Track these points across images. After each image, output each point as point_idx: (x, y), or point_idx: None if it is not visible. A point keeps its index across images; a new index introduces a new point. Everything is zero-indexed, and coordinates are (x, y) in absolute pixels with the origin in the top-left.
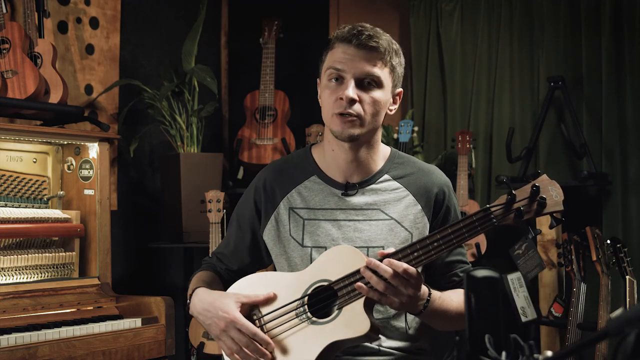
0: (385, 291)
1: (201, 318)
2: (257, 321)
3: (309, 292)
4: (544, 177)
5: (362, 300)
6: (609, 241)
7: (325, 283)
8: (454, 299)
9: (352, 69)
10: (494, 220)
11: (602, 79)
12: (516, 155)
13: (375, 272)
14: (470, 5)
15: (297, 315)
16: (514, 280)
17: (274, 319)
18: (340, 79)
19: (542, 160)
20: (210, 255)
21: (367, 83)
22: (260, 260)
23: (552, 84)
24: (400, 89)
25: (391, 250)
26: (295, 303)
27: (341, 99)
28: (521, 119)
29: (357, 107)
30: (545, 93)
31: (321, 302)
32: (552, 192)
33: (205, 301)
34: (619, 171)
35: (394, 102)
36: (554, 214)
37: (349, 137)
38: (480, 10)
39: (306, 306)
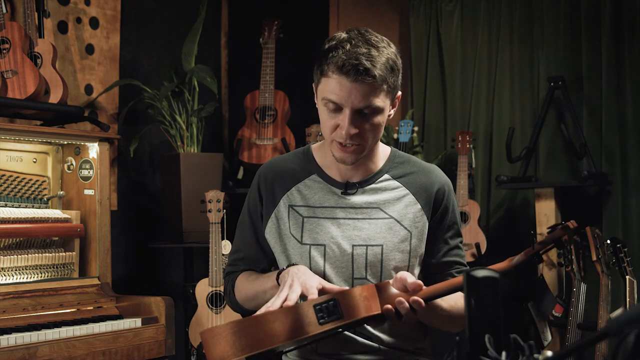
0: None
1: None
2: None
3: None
4: (573, 226)
5: None
6: (609, 241)
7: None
8: (446, 299)
9: (349, 102)
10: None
11: (602, 79)
12: (516, 155)
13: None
14: (470, 5)
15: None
16: (533, 308)
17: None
18: (337, 109)
19: (542, 160)
20: (227, 269)
21: (365, 112)
22: (271, 261)
23: (552, 84)
24: (399, 93)
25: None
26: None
27: (339, 128)
28: (521, 119)
29: (356, 139)
30: (545, 93)
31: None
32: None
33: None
34: (619, 171)
35: (393, 107)
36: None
37: (351, 163)
38: (480, 10)
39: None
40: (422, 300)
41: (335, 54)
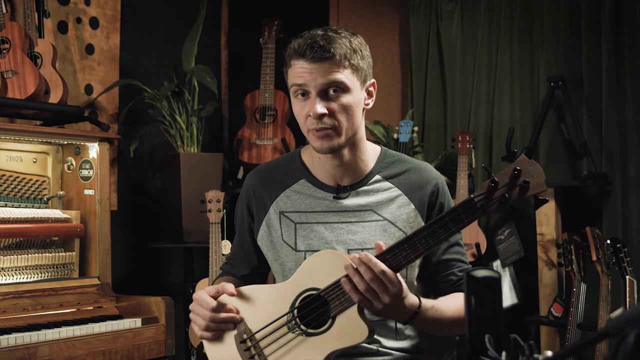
0: (365, 293)
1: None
2: (248, 340)
3: (298, 302)
4: (523, 157)
5: (355, 306)
6: (609, 241)
7: (314, 292)
8: (450, 305)
9: (313, 82)
10: (480, 210)
11: (602, 79)
12: (516, 156)
13: (357, 270)
14: (470, 5)
15: (289, 329)
16: (498, 266)
17: (266, 336)
18: (305, 94)
19: (542, 160)
20: (224, 261)
21: (332, 92)
22: (267, 262)
23: (552, 84)
24: (372, 81)
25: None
26: (286, 317)
27: (310, 115)
28: (521, 119)
29: (328, 120)
30: (545, 93)
31: (312, 312)
32: (533, 173)
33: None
34: (619, 171)
35: (370, 96)
36: (538, 195)
37: (330, 149)
38: (480, 10)
39: (297, 318)
40: (369, 254)
41: (293, 43)
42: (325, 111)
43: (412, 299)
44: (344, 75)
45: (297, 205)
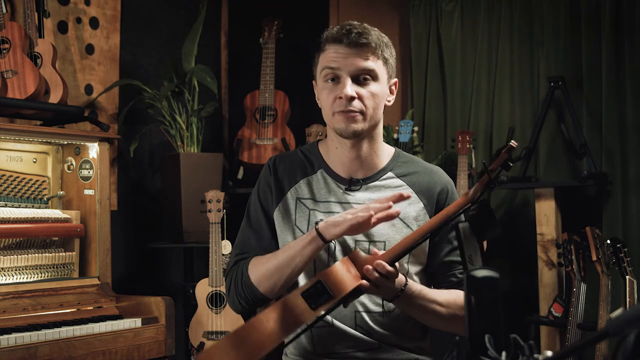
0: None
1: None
2: None
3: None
4: (513, 144)
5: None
6: (609, 241)
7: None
8: (440, 295)
9: (347, 67)
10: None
11: (602, 79)
12: (516, 156)
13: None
14: (470, 5)
15: None
16: (465, 228)
17: None
18: (336, 79)
19: (542, 160)
20: (232, 261)
21: (363, 78)
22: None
23: (552, 84)
24: (395, 79)
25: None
26: None
27: (340, 97)
28: (521, 119)
29: (357, 104)
30: (545, 93)
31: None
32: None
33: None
34: (619, 171)
35: (391, 93)
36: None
37: (353, 132)
38: (480, 10)
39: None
40: (384, 263)
41: (329, 30)
42: (355, 94)
43: (400, 279)
44: (376, 65)
45: (313, 194)
